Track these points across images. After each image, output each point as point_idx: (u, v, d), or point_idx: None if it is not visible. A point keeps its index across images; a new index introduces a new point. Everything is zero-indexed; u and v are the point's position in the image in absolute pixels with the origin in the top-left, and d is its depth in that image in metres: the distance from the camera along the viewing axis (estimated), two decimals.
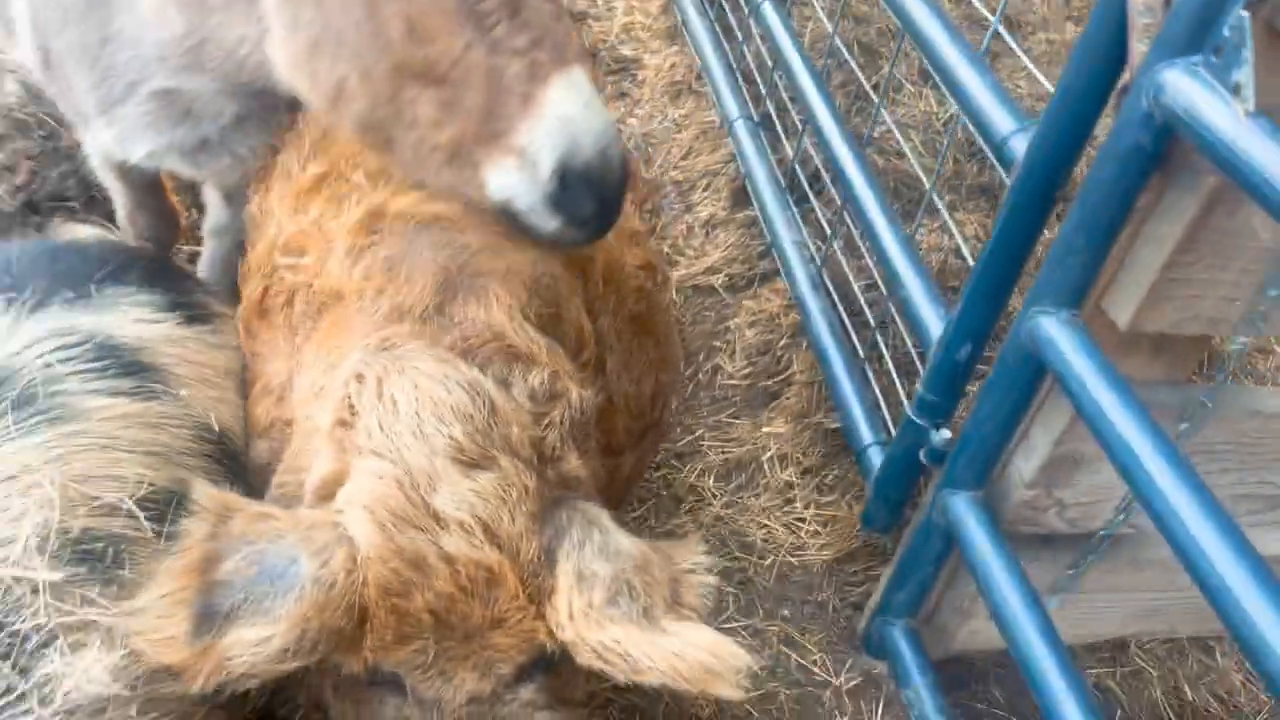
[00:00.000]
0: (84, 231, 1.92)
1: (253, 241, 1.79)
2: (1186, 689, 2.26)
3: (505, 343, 1.39)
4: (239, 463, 1.55)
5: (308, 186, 1.65)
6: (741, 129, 3.35)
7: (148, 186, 2.42)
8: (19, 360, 1.35)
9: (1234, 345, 1.54)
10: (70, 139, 3.64)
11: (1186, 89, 1.25)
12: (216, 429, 1.50)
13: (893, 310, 2.62)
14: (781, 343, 2.93)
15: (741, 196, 3.44)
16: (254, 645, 1.15)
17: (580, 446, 1.44)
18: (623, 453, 1.68)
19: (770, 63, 3.46)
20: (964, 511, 1.78)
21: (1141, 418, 1.38)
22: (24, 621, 1.12)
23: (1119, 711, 2.26)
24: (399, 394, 1.30)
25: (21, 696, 1.09)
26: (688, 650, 1.19)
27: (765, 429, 2.77)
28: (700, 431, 2.81)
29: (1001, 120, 1.68)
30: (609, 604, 1.24)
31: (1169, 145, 1.38)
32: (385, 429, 1.29)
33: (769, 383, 2.91)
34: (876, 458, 2.22)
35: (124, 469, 1.33)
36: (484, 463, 1.28)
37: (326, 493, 1.32)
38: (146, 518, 1.30)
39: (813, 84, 2.68)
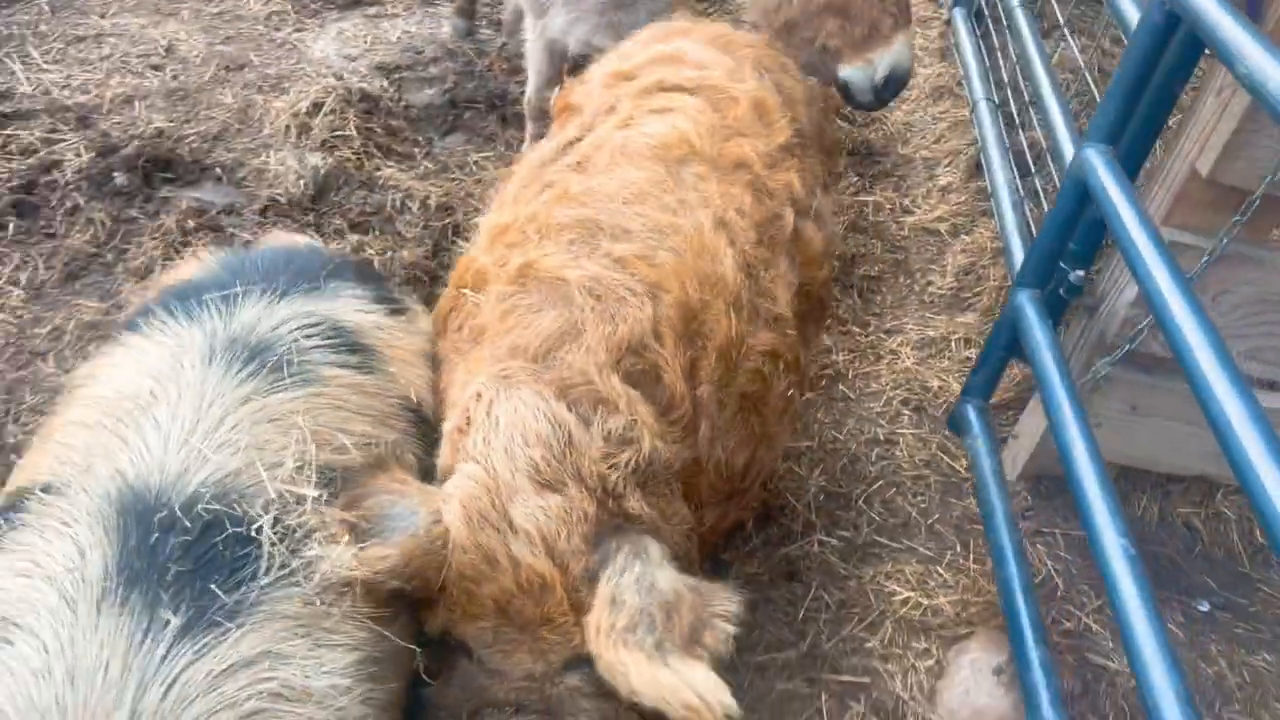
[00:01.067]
0: (301, 239, 2.24)
1: (473, 245, 2.09)
2: (1259, 535, 2.83)
3: (593, 388, 1.58)
4: (429, 425, 1.83)
5: (501, 229, 1.94)
6: (984, 110, 4.18)
7: (561, 66, 3.61)
8: (275, 335, 1.64)
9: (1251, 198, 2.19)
10: (484, 64, 5.04)
11: None
12: (414, 400, 1.80)
13: None
14: (983, 263, 3.72)
15: (976, 173, 4.25)
16: (375, 559, 1.42)
17: (648, 489, 1.59)
18: (703, 507, 1.85)
19: (1015, 65, 4.28)
20: (1025, 303, 2.53)
21: (1147, 224, 2.06)
22: (293, 519, 1.40)
23: (1199, 546, 2.86)
24: (502, 415, 1.55)
25: (292, 572, 1.36)
26: (679, 688, 1.33)
27: (958, 319, 3.57)
28: (906, 320, 3.64)
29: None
30: (627, 630, 1.38)
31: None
32: (487, 441, 1.54)
33: (968, 295, 3.70)
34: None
35: (352, 425, 1.61)
36: (555, 485, 1.48)
37: (442, 481, 1.62)
38: (362, 462, 1.60)
39: (1048, 80, 3.49)
